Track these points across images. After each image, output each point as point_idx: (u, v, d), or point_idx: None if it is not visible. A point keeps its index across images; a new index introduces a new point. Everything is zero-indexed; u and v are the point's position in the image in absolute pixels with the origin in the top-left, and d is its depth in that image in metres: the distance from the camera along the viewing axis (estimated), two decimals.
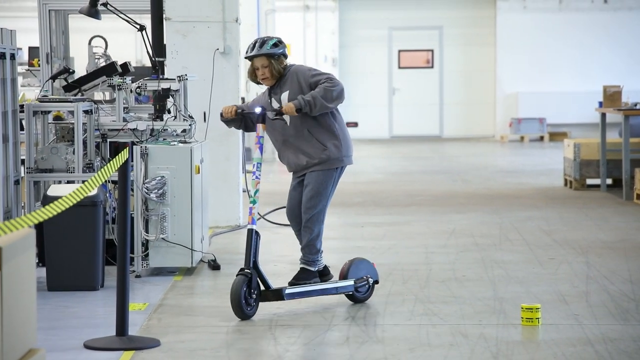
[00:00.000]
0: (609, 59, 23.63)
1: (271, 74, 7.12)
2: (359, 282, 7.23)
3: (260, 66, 7.11)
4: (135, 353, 6.10)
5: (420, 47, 24.77)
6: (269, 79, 7.15)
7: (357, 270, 7.25)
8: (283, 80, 7.18)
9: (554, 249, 9.45)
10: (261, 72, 7.12)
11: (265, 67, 7.10)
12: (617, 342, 6.22)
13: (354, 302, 7.23)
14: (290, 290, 6.91)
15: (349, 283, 7.18)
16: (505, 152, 21.29)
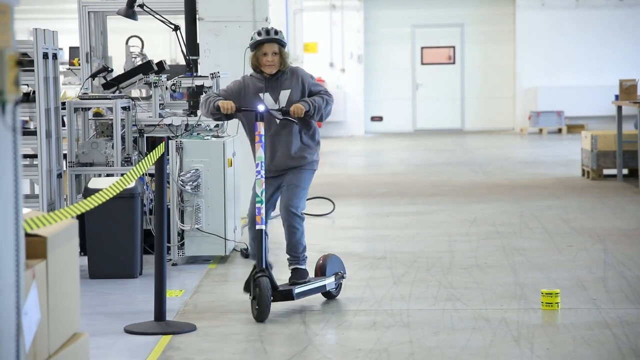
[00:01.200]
0: (624, 53, 23.49)
1: (279, 62, 6.75)
2: (337, 278, 6.99)
3: (271, 52, 6.71)
4: (173, 337, 6.14)
5: (442, 44, 24.69)
6: (275, 67, 6.73)
7: (332, 266, 6.99)
8: (283, 77, 6.81)
9: (572, 236, 9.43)
10: (270, 59, 6.71)
11: (276, 54, 6.73)
12: (634, 325, 6.20)
13: (328, 299, 6.94)
14: (299, 289, 6.60)
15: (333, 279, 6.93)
16: (525, 144, 21.22)
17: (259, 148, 6.57)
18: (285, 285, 6.69)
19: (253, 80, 6.84)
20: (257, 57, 6.75)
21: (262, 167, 6.55)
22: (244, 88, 6.82)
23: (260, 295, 6.32)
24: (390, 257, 8.53)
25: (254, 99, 6.75)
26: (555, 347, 5.77)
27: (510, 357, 5.58)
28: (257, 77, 6.83)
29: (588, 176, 14.06)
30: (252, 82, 6.84)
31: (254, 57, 6.77)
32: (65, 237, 4.27)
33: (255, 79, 6.83)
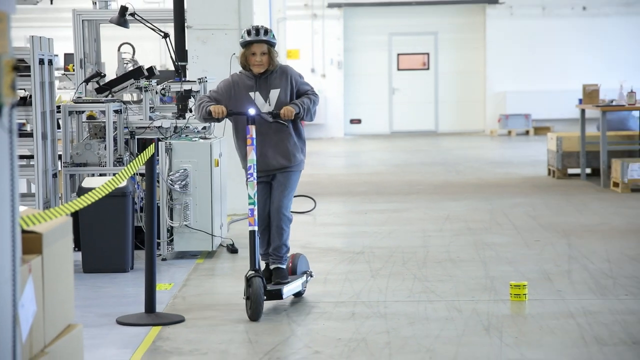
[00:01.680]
0: (587, 60, 23.58)
1: (268, 62, 6.50)
2: (306, 277, 6.87)
3: (260, 53, 6.46)
4: (162, 328, 6.13)
5: (417, 50, 24.72)
6: (263, 66, 6.49)
7: (301, 266, 6.87)
8: (273, 76, 6.57)
9: (539, 232, 9.45)
10: (259, 59, 6.47)
11: (264, 54, 6.48)
12: (596, 315, 6.22)
13: (296, 296, 6.77)
14: (286, 289, 6.42)
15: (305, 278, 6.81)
16: (495, 145, 21.27)
17: (251, 151, 6.33)
18: (272, 285, 6.50)
19: (243, 78, 6.61)
20: (246, 57, 6.53)
21: (254, 170, 6.35)
22: (233, 87, 6.61)
23: (254, 295, 6.15)
24: (368, 252, 8.54)
25: (245, 97, 6.54)
26: (523, 336, 5.79)
27: (481, 346, 5.59)
28: (247, 74, 6.60)
29: (554, 175, 14.11)
30: (242, 80, 6.60)
31: (243, 56, 6.55)
32: (60, 233, 4.26)
33: (245, 77, 6.60)
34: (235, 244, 8.71)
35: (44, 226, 4.08)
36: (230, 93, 6.58)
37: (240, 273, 7.81)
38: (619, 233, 9.32)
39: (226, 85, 6.64)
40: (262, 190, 6.60)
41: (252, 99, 6.52)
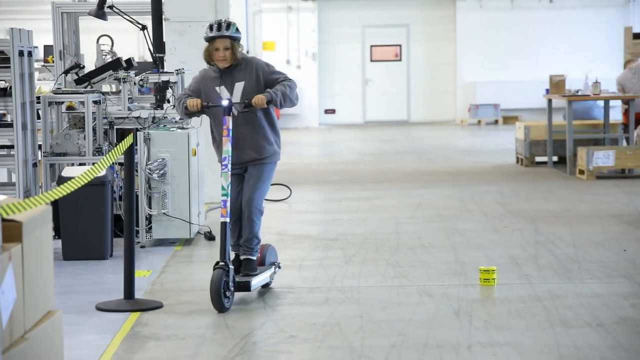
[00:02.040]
0: (554, 51, 23.67)
1: (231, 57, 6.31)
2: (274, 268, 6.74)
3: (222, 48, 6.27)
4: (141, 314, 6.12)
5: (390, 42, 24.73)
6: (227, 61, 6.32)
7: (270, 257, 6.74)
8: (238, 69, 6.39)
9: (507, 218, 9.49)
10: (222, 54, 6.28)
11: (227, 49, 6.29)
12: (562, 298, 6.26)
13: (263, 287, 6.62)
14: (255, 281, 6.29)
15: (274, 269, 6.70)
16: (465, 134, 21.34)
17: (226, 142, 6.18)
18: (240, 277, 6.31)
19: (209, 72, 6.47)
20: (209, 52, 6.35)
21: (229, 161, 6.18)
22: (202, 82, 6.47)
23: (213, 286, 5.99)
24: (342, 239, 8.55)
25: (212, 92, 6.41)
26: (492, 319, 5.81)
27: (451, 329, 5.61)
28: (212, 69, 6.45)
29: (522, 163, 14.17)
30: (209, 74, 6.47)
31: (206, 52, 6.38)
32: (40, 222, 4.24)
33: (211, 71, 6.46)
34: (212, 232, 8.69)
35: (24, 215, 4.05)
36: (200, 88, 6.46)
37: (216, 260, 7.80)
38: (584, 219, 9.37)
39: (196, 81, 6.53)
40: (235, 182, 6.42)
41: (217, 93, 6.39)
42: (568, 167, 13.00)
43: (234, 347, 5.34)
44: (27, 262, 4.01)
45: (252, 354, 5.24)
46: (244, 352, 5.26)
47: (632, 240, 8.23)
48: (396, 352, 5.17)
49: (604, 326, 5.60)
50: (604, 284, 6.65)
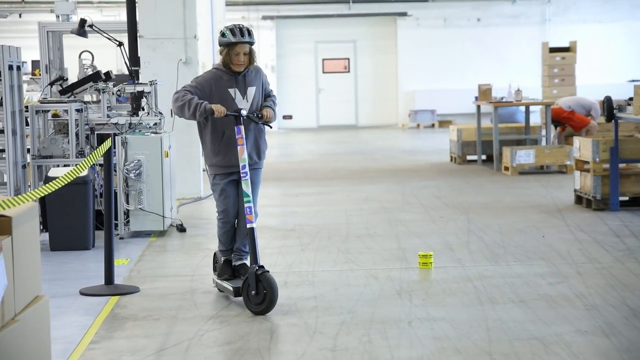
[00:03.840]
0: (481, 63, 23.83)
1: (249, 61, 5.80)
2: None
3: (243, 53, 5.73)
4: (120, 297, 6.07)
5: (340, 56, 24.76)
6: (244, 66, 5.78)
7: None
8: (250, 74, 5.87)
9: (443, 209, 9.54)
10: (242, 59, 5.74)
11: (247, 54, 5.76)
12: (490, 279, 6.31)
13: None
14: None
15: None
16: (406, 136, 21.43)
17: (243, 150, 5.66)
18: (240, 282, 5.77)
19: (221, 74, 5.84)
20: (230, 56, 5.75)
21: (248, 168, 5.67)
22: (213, 83, 5.81)
23: (272, 288, 5.42)
24: (298, 229, 8.55)
25: (225, 94, 5.80)
26: (429, 298, 5.85)
27: (394, 307, 5.63)
28: (225, 71, 5.83)
29: (455, 161, 14.26)
30: (221, 76, 5.83)
31: (227, 56, 5.75)
32: (28, 216, 4.20)
33: (223, 74, 5.83)
34: (183, 224, 8.65)
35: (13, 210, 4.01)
36: (211, 88, 5.81)
37: (188, 249, 7.78)
38: (508, 209, 9.45)
39: (206, 80, 5.84)
40: (233, 188, 5.91)
41: (231, 96, 5.81)
42: (495, 165, 13.10)
43: (203, 326, 5.32)
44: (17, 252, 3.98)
45: (219, 331, 5.22)
46: (212, 330, 5.24)
47: (549, 227, 8.32)
48: (346, 327, 5.19)
49: (525, 302, 5.66)
50: (525, 266, 6.71)
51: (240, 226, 5.96)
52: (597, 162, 9.29)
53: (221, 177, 5.90)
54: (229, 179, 5.90)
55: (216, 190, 5.94)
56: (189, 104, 5.69)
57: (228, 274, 5.98)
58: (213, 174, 5.94)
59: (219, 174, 5.91)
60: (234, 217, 5.95)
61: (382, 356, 4.66)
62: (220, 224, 6.01)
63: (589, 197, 9.32)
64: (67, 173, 5.38)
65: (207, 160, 5.91)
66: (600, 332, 4.96)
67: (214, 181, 5.95)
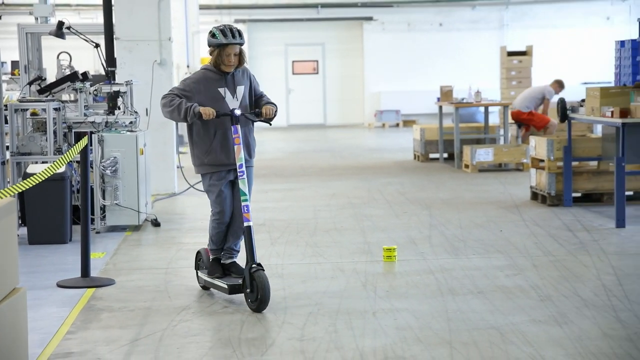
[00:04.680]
0: (443, 66, 23.94)
1: (239, 61, 5.62)
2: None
3: (234, 53, 5.54)
4: (96, 289, 6.02)
5: (309, 58, 24.74)
6: (234, 66, 5.60)
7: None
8: (238, 74, 5.68)
9: (406, 205, 9.57)
10: (233, 59, 5.56)
11: (237, 55, 5.57)
12: (450, 271, 6.34)
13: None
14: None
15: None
16: (372, 135, 21.47)
17: (239, 150, 5.46)
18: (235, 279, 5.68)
19: (210, 74, 5.63)
20: (221, 57, 5.55)
21: (244, 167, 5.48)
22: (201, 83, 5.60)
23: (266, 289, 5.26)
24: (268, 224, 8.53)
25: (214, 93, 5.60)
26: (393, 289, 5.86)
27: (360, 298, 5.63)
28: (213, 71, 5.62)
29: (418, 159, 14.30)
30: (210, 76, 5.62)
31: (218, 57, 5.56)
32: (7, 211, 4.14)
33: (212, 73, 5.62)
34: (158, 219, 8.59)
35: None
36: (199, 88, 5.59)
37: (162, 243, 7.73)
38: (468, 205, 9.50)
39: (194, 81, 5.61)
40: (229, 188, 5.69)
41: (222, 95, 5.60)
42: (456, 162, 13.17)
43: (176, 317, 5.28)
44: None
45: (191, 322, 5.19)
46: (184, 320, 5.21)
47: (507, 222, 8.37)
48: (313, 318, 5.18)
49: (483, 293, 5.69)
50: (484, 259, 6.74)
51: (234, 226, 5.73)
52: (552, 160, 9.36)
53: (218, 178, 5.63)
54: (226, 180, 5.65)
55: (213, 191, 5.66)
56: (179, 108, 5.48)
57: (219, 272, 5.76)
58: (209, 174, 5.65)
59: (213, 173, 5.64)
60: (229, 218, 5.72)
61: (348, 345, 4.65)
62: (214, 224, 5.75)
63: (544, 193, 9.39)
64: (45, 169, 5.32)
65: (197, 160, 5.66)
66: (554, 322, 4.99)
67: (210, 182, 5.66)
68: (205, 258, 5.89)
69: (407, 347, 4.60)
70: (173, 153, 10.78)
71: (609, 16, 24.21)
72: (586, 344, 4.59)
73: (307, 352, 4.56)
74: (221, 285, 5.60)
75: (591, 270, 6.29)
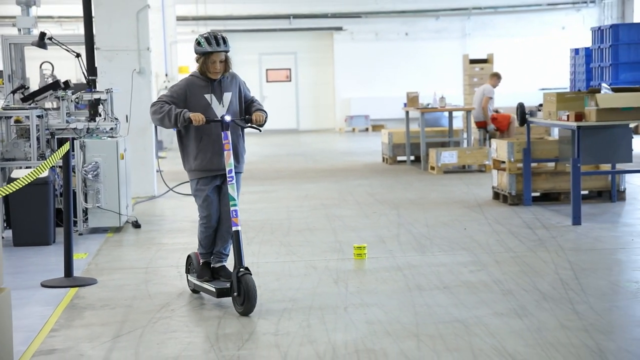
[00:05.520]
0: (410, 73, 24.03)
1: (224, 68, 5.47)
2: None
3: (219, 61, 5.40)
4: (79, 289, 5.97)
5: (282, 67, 24.73)
6: (220, 73, 5.45)
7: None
8: (226, 80, 5.50)
9: (376, 205, 9.58)
10: (219, 67, 5.41)
11: (222, 62, 5.43)
12: (417, 268, 6.35)
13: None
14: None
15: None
16: (342, 139, 21.49)
17: (229, 156, 5.27)
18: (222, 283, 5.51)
19: (196, 80, 5.46)
20: (207, 65, 5.42)
21: (234, 172, 5.28)
22: (188, 89, 5.44)
23: (250, 291, 5.08)
24: (244, 224, 8.47)
25: (201, 99, 5.42)
26: (363, 285, 5.86)
27: (332, 294, 5.63)
28: (200, 77, 5.47)
29: (386, 162, 14.34)
30: (196, 82, 5.46)
31: (203, 64, 5.42)
32: None
33: (198, 80, 5.46)
34: (138, 221, 8.54)
35: None
36: (186, 95, 5.42)
37: (142, 244, 7.68)
38: (434, 205, 9.53)
39: (181, 88, 5.45)
40: (216, 193, 5.53)
41: (208, 101, 5.42)
42: (422, 165, 13.21)
43: (156, 314, 5.25)
44: None
45: (170, 319, 5.16)
46: (164, 317, 5.18)
47: (470, 220, 8.41)
48: (287, 314, 5.17)
49: (448, 288, 5.71)
50: (449, 256, 6.77)
51: (222, 230, 5.56)
52: (512, 162, 9.43)
53: (204, 183, 5.47)
54: (213, 185, 5.49)
55: (200, 196, 5.50)
56: (168, 114, 5.31)
57: (208, 276, 5.61)
58: (196, 179, 5.49)
59: (201, 178, 5.48)
60: (216, 221, 5.54)
61: (320, 339, 4.65)
62: (202, 229, 5.58)
63: (505, 193, 9.45)
64: (29, 174, 5.27)
65: (186, 165, 5.52)
66: (515, 314, 5.02)
67: (197, 187, 5.50)
68: (195, 262, 5.73)
69: (377, 340, 4.60)
70: (152, 158, 10.72)
71: (564, 26, 24.46)
72: (545, 334, 4.63)
73: (281, 346, 4.55)
74: (209, 288, 5.42)
75: (549, 265, 6.33)
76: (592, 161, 8.25)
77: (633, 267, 6.30)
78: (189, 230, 8.21)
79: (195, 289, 5.67)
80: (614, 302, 5.24)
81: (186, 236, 7.93)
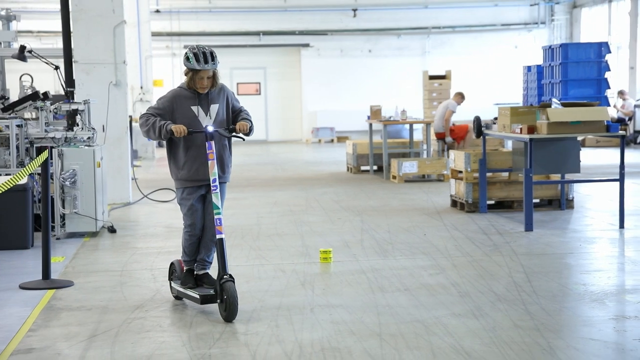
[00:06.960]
0: (373, 87, 24.15)
1: (212, 84, 5.30)
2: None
3: (207, 77, 5.25)
4: (56, 290, 5.89)
5: (252, 81, 24.70)
6: (207, 88, 5.29)
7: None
8: (213, 92, 5.34)
9: (341, 212, 9.59)
10: (206, 83, 5.25)
11: (210, 78, 5.27)
12: (380, 271, 6.36)
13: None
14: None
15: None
16: (309, 150, 21.49)
17: (213, 165, 5.14)
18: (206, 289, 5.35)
19: (183, 92, 5.32)
20: (194, 80, 5.26)
21: (218, 182, 5.15)
22: (175, 101, 5.29)
23: (232, 297, 4.93)
24: None
25: (187, 111, 5.28)
26: (329, 287, 5.86)
27: (299, 296, 5.62)
28: (188, 90, 5.32)
29: (351, 171, 14.36)
30: (183, 94, 5.31)
31: (191, 80, 5.26)
32: None
33: (185, 91, 5.31)
34: (114, 226, 8.46)
35: None
36: (173, 106, 5.28)
37: (117, 248, 7.61)
38: (396, 211, 9.57)
39: (167, 100, 5.31)
40: (201, 202, 5.39)
41: (194, 113, 5.28)
42: (384, 174, 13.26)
43: (131, 315, 5.20)
44: None
45: (145, 319, 5.11)
46: (138, 318, 5.13)
47: (430, 227, 8.45)
48: (257, 314, 5.15)
49: (409, 290, 5.73)
50: (409, 259, 6.79)
51: (205, 238, 5.42)
52: (469, 172, 9.50)
53: (190, 192, 5.33)
54: (198, 195, 5.35)
55: (184, 205, 5.36)
56: (153, 126, 5.20)
57: (192, 283, 5.44)
58: (182, 188, 5.36)
59: (187, 187, 5.34)
60: (201, 230, 5.40)
61: (288, 338, 4.64)
62: (186, 237, 5.43)
63: (462, 201, 9.51)
64: (8, 181, 5.20)
65: (173, 174, 5.39)
66: (472, 315, 5.05)
67: (182, 195, 5.36)
68: (178, 269, 5.56)
69: (341, 339, 4.60)
70: (128, 166, 10.63)
71: (516, 45, 24.76)
72: (499, 333, 4.66)
73: (250, 345, 4.52)
74: (193, 295, 5.25)
75: (504, 269, 6.38)
76: (543, 171, 8.35)
77: (581, 270, 6.38)
78: (162, 235, 8.15)
79: (179, 295, 5.49)
80: (563, 303, 5.30)
81: (160, 241, 7.87)
